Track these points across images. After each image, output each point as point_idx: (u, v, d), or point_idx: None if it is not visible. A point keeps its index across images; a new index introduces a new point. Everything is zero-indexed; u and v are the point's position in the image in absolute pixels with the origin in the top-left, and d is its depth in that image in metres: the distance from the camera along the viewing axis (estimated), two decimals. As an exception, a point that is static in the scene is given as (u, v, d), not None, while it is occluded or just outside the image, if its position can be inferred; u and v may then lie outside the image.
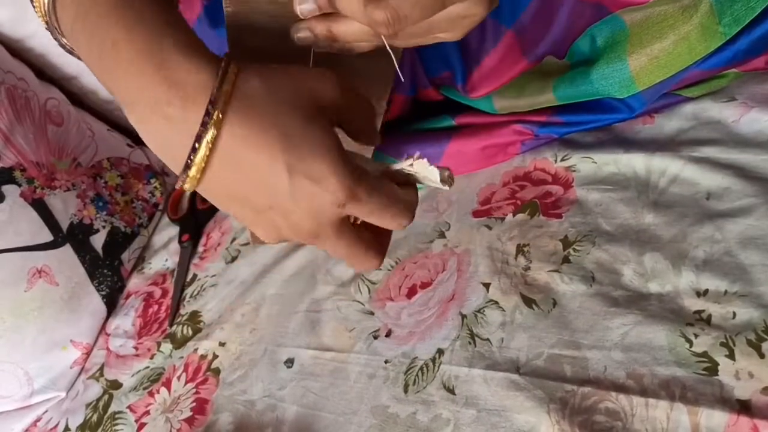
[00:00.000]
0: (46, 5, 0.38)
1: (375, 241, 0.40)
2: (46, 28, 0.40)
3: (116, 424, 0.73)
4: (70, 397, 0.83)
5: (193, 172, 0.33)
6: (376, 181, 0.37)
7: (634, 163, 0.56)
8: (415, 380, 0.55)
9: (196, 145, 0.32)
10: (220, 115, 0.32)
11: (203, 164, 0.33)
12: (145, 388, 0.74)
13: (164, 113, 0.32)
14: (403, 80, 0.44)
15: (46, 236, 0.82)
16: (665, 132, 0.58)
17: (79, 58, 0.38)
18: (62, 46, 0.41)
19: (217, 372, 0.69)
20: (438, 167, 0.38)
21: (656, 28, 0.51)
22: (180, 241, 0.90)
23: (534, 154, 0.64)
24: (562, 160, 0.61)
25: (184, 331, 0.77)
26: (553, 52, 0.59)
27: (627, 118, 0.59)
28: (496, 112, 0.65)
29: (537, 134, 0.63)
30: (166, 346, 0.77)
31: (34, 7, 0.39)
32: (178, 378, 0.72)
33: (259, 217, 0.36)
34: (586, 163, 0.59)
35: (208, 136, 0.32)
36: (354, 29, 0.38)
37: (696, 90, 0.57)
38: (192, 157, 0.33)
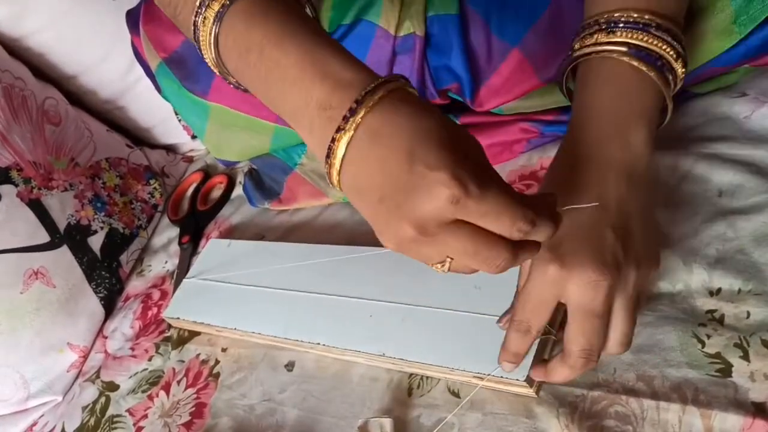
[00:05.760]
0: (213, 57, 0.41)
1: (501, 240, 0.33)
2: (219, 73, 0.43)
3: (114, 428, 0.71)
4: (66, 400, 0.82)
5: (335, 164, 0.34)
6: (492, 181, 0.32)
7: (644, 160, 0.55)
8: (419, 384, 0.53)
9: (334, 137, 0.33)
10: (359, 119, 0.33)
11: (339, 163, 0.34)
12: (143, 391, 0.73)
13: (328, 116, 0.34)
14: None
15: (43, 237, 0.81)
16: (675, 128, 0.57)
17: (246, 91, 0.42)
18: (231, 84, 0.44)
19: (216, 376, 0.68)
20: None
21: None
22: (180, 243, 0.89)
23: (540, 152, 0.63)
24: (569, 158, 0.60)
25: (182, 334, 0.76)
26: None
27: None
28: (502, 113, 0.64)
29: (543, 132, 0.62)
30: (165, 348, 0.76)
31: (203, 57, 0.43)
32: (178, 382, 0.71)
33: (374, 212, 0.34)
34: (593, 161, 0.58)
35: (346, 137, 0.33)
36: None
37: (706, 86, 0.56)
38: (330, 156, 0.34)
